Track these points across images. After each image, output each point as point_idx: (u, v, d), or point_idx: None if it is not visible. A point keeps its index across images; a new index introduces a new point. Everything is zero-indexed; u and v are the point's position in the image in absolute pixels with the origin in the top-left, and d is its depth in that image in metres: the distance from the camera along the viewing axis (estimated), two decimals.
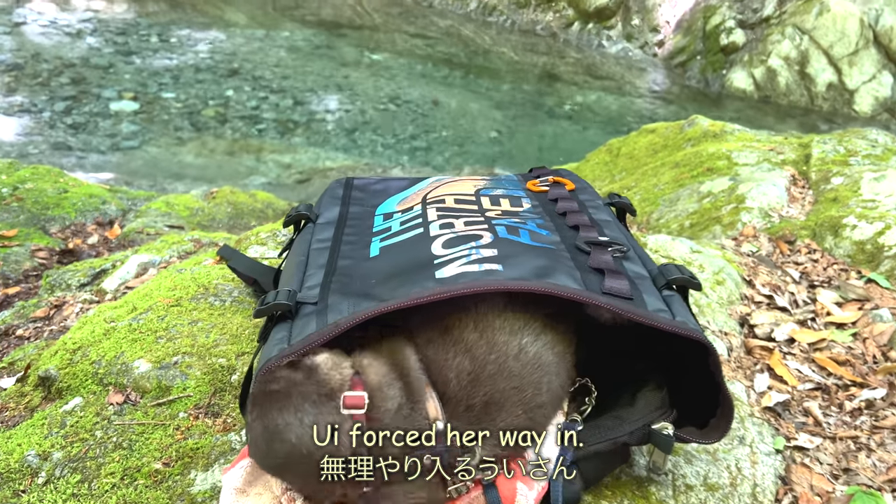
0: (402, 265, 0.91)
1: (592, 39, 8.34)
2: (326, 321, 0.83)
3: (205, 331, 1.20)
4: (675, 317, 0.86)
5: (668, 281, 0.93)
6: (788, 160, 2.36)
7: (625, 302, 0.84)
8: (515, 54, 7.93)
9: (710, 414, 0.90)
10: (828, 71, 7.17)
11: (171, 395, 1.07)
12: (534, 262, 0.88)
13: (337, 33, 7.67)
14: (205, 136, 5.38)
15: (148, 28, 6.95)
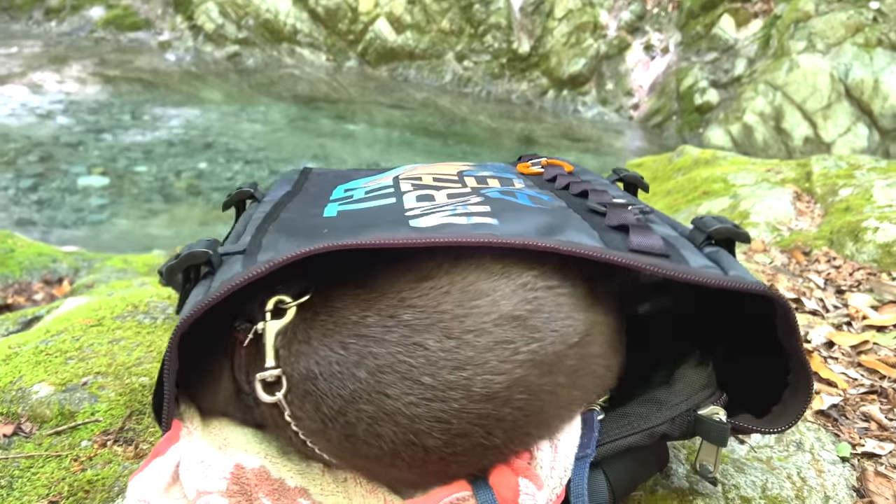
0: (364, 219, 0.70)
1: (568, 105, 8.38)
2: (256, 262, 0.61)
3: (127, 349, 0.98)
4: (728, 272, 0.66)
5: (709, 234, 0.72)
6: (788, 178, 2.21)
7: (660, 259, 0.63)
8: (492, 121, 7.92)
9: (770, 398, 0.69)
10: (803, 125, 7.20)
11: (75, 421, 0.84)
12: (537, 219, 0.68)
13: (313, 107, 7.63)
14: (177, 207, 5.20)
15: (121, 107, 6.87)
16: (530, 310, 0.60)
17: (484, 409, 0.56)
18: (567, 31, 8.59)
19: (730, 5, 8.31)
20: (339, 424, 0.58)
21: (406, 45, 8.74)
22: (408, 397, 0.56)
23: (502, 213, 0.68)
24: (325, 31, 8.84)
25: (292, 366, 0.60)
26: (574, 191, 0.83)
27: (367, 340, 0.58)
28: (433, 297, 0.59)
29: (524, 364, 0.57)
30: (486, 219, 0.67)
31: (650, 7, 8.72)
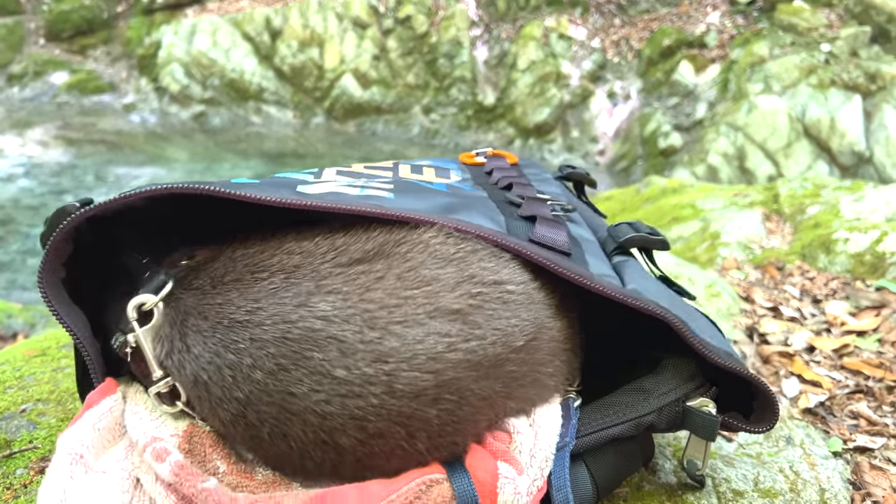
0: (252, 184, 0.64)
1: (535, 153, 8.48)
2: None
3: (71, 376, 0.91)
4: (626, 284, 0.63)
5: (620, 243, 0.70)
6: (756, 201, 2.22)
7: (558, 256, 0.60)
8: None
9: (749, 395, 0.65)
10: (766, 164, 7.35)
11: (10, 449, 0.77)
12: (439, 200, 0.64)
13: (280, 163, 7.62)
14: None
15: (84, 168, 6.79)
16: (473, 305, 0.53)
17: (407, 408, 0.50)
18: (531, 82, 8.75)
19: (687, 52, 8.55)
20: (241, 427, 0.52)
21: (373, 100, 8.83)
22: (317, 394, 0.49)
23: (403, 192, 0.65)
24: (292, 89, 8.90)
25: (180, 373, 0.53)
26: (501, 184, 0.80)
27: (262, 342, 0.50)
28: (362, 284, 0.53)
29: (458, 364, 0.51)
30: (381, 192, 0.63)
31: (610, 56, 8.94)
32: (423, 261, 0.55)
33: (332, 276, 0.53)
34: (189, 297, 0.54)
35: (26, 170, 6.70)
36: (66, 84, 8.77)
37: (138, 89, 8.88)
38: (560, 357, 0.60)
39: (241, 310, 0.52)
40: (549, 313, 0.58)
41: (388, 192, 0.62)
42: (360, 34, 8.80)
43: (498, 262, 0.57)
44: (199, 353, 0.52)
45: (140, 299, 0.54)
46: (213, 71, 8.68)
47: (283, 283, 0.53)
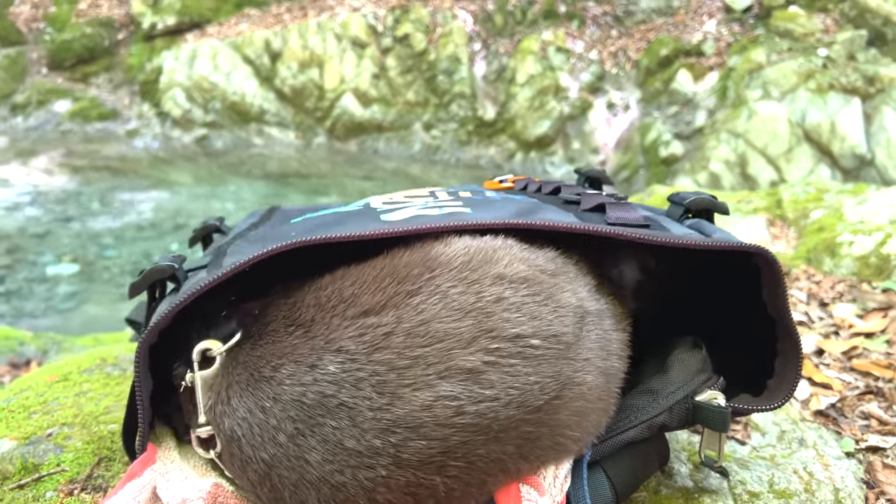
0: (332, 220, 0.68)
1: (536, 166, 8.51)
2: (221, 266, 0.59)
3: (94, 400, 0.93)
4: (711, 235, 0.64)
5: (686, 206, 0.71)
6: (760, 207, 2.23)
7: (640, 229, 0.62)
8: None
9: (764, 373, 0.67)
10: (768, 169, 7.36)
11: (39, 472, 0.79)
12: (510, 208, 0.67)
13: (284, 183, 7.67)
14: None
15: (89, 195, 6.84)
16: (488, 362, 0.50)
17: (413, 477, 0.49)
18: (530, 96, 8.80)
19: (685, 61, 8.59)
20: (266, 489, 0.52)
21: (373, 119, 8.88)
22: (329, 464, 0.49)
23: (476, 206, 0.67)
24: (293, 110, 8.96)
25: (220, 425, 0.54)
26: (546, 190, 0.83)
27: (284, 404, 0.50)
28: (370, 340, 0.51)
29: (466, 428, 0.49)
30: (459, 209, 0.65)
31: (608, 67, 8.99)
32: (437, 313, 0.52)
33: (341, 330, 0.52)
34: (244, 347, 0.55)
35: (32, 198, 6.75)
36: (69, 112, 8.85)
37: (141, 115, 8.95)
38: (589, 417, 0.57)
39: (269, 365, 0.52)
40: (580, 366, 0.54)
41: (464, 207, 0.65)
42: (359, 53, 8.87)
43: (525, 312, 0.53)
44: (236, 406, 0.53)
45: (206, 345, 0.55)
46: (215, 94, 8.75)
47: (301, 338, 0.53)
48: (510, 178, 1.00)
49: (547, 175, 8.40)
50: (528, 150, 8.68)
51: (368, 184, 7.83)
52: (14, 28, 9.16)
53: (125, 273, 5.36)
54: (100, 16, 9.38)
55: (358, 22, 8.90)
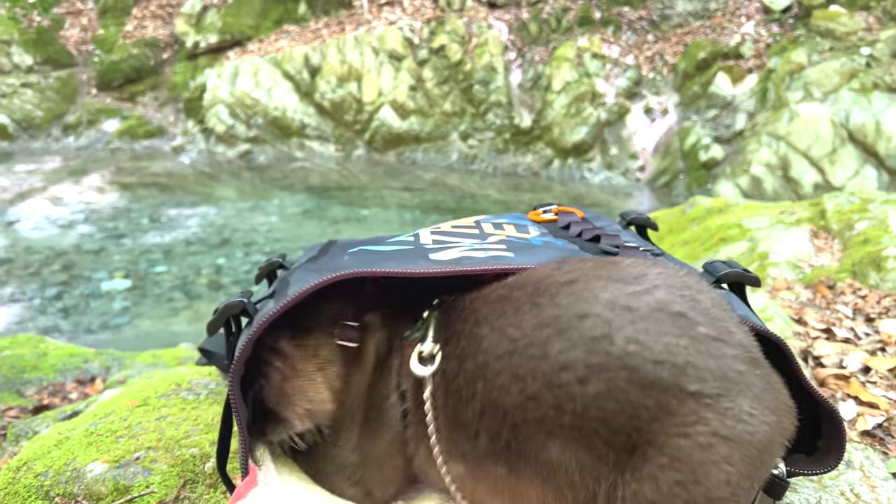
0: (385, 256, 0.74)
1: (574, 173, 8.52)
2: (286, 296, 0.66)
3: (174, 424, 1.00)
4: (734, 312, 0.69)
5: (718, 278, 0.76)
6: (803, 218, 2.24)
7: None
8: (501, 194, 8.05)
9: (812, 434, 0.70)
10: (811, 172, 7.26)
11: (130, 494, 0.86)
12: (549, 254, 0.72)
13: (326, 196, 7.80)
14: (199, 303, 5.27)
15: (139, 211, 7.06)
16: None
17: None
18: (566, 103, 8.81)
19: (723, 63, 8.52)
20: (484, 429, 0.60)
21: (411, 130, 8.98)
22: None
23: (518, 251, 0.72)
24: (333, 123, 9.11)
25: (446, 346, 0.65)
26: (586, 237, 0.87)
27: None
28: None
29: None
30: (502, 253, 0.70)
31: (645, 72, 8.95)
32: None
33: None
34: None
35: (85, 216, 6.98)
36: (118, 131, 9.13)
37: (186, 132, 9.18)
38: None
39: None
40: None
41: (506, 251, 0.70)
42: (397, 66, 8.98)
43: None
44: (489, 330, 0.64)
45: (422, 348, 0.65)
46: (257, 110, 8.95)
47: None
48: (553, 209, 1.04)
49: (585, 182, 8.40)
50: (566, 156, 8.68)
51: (407, 194, 7.93)
52: (64, 51, 9.49)
53: (175, 288, 5.52)
54: (145, 36, 9.66)
55: (394, 35, 9.02)
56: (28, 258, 5.95)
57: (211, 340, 1.12)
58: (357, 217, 7.18)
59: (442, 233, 0.87)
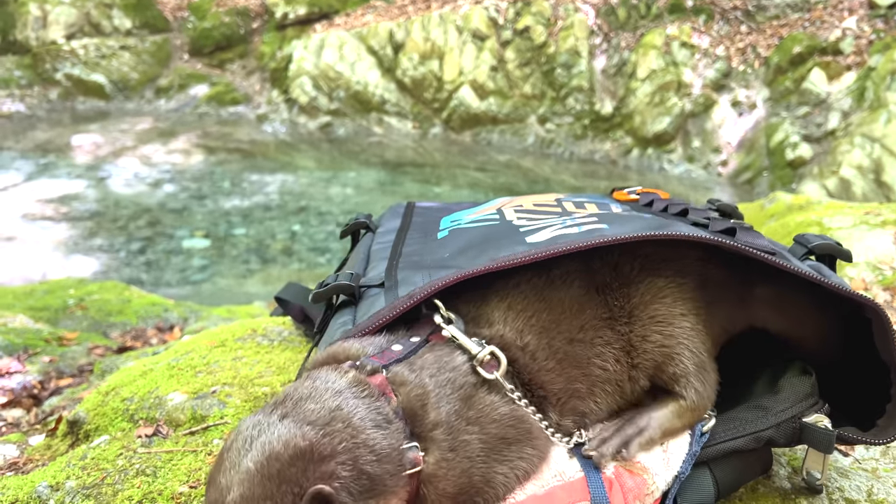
0: (478, 238, 0.77)
1: (653, 163, 8.36)
2: (397, 296, 0.70)
3: (248, 365, 1.06)
4: (829, 279, 0.69)
5: (810, 248, 0.76)
6: (889, 220, 2.16)
7: (767, 254, 0.68)
8: (576, 180, 7.98)
9: (875, 412, 0.70)
10: None
11: (206, 423, 0.92)
12: (643, 223, 0.73)
13: (400, 171, 7.90)
14: (272, 267, 5.44)
15: (221, 175, 7.31)
16: None
17: None
18: (650, 91, 8.63)
19: (820, 59, 8.18)
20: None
21: (489, 111, 8.97)
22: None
23: (610, 221, 0.74)
24: (412, 101, 9.19)
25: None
26: (673, 211, 0.87)
27: None
28: None
29: None
30: (595, 225, 0.72)
31: (735, 64, 8.68)
32: None
33: None
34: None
35: (171, 176, 7.27)
36: (206, 96, 9.43)
37: (270, 101, 9.42)
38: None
39: None
40: None
41: (599, 223, 0.72)
42: (479, 46, 8.96)
43: None
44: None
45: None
46: (339, 83, 9.09)
47: None
48: (637, 190, 1.05)
49: (664, 173, 8.24)
50: (646, 146, 8.52)
51: (481, 175, 7.94)
52: (161, 16, 9.84)
53: (251, 251, 5.71)
54: (237, 5, 9.92)
55: (479, 14, 8.99)
56: (117, 212, 6.25)
57: (287, 290, 1.18)
58: (430, 194, 7.25)
59: (526, 211, 0.89)
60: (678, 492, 0.63)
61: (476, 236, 0.77)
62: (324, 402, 0.58)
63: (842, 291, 0.65)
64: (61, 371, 2.00)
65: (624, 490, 0.61)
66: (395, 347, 0.65)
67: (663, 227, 0.71)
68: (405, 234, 0.94)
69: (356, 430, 0.57)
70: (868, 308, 0.65)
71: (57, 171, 7.16)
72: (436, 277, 0.67)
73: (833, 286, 0.65)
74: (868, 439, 0.67)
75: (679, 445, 0.65)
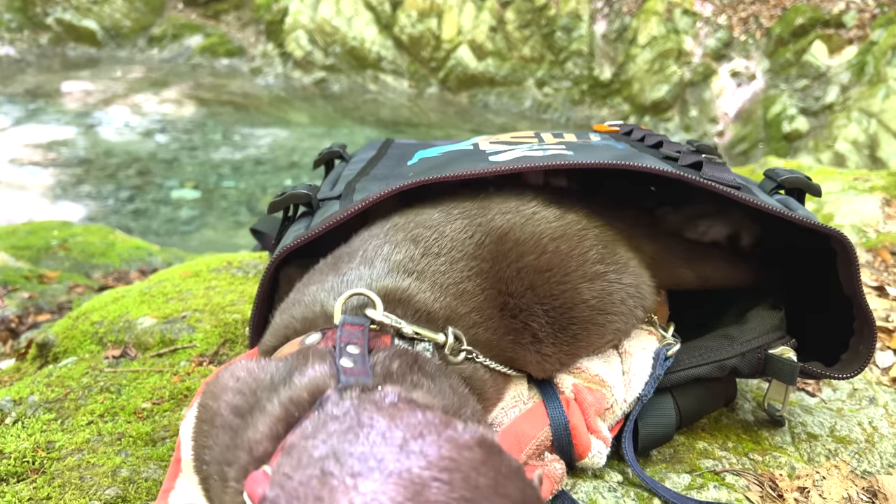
0: (444, 160, 0.76)
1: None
2: (351, 202, 0.68)
3: (221, 293, 1.06)
4: (796, 211, 0.68)
5: (779, 182, 0.75)
6: (878, 186, 2.15)
7: (731, 189, 0.66)
8: None
9: (839, 348, 0.70)
10: None
11: (175, 346, 0.92)
12: (611, 153, 0.72)
13: (394, 130, 7.82)
14: None
15: (213, 127, 7.23)
16: None
17: None
18: (650, 58, 8.55)
19: (822, 31, 8.10)
20: None
21: (487, 72, 8.88)
22: None
23: (577, 149, 0.73)
24: (409, 59, 9.07)
25: None
26: (649, 142, 0.86)
27: None
28: None
29: None
30: (561, 151, 0.71)
31: (737, 34, 8.59)
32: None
33: None
34: None
35: (162, 126, 7.19)
36: (199, 47, 9.29)
37: (265, 54, 9.28)
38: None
39: None
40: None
41: (566, 150, 0.71)
42: (479, 5, 8.84)
43: None
44: None
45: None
46: (336, 38, 8.96)
47: None
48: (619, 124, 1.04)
49: None
50: (643, 114, 8.46)
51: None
52: None
53: (241, 203, 5.67)
54: None
55: None
56: (106, 161, 6.19)
57: (263, 222, 1.16)
58: None
59: (501, 142, 0.88)
60: (639, 415, 0.63)
61: (443, 159, 0.76)
62: None
63: (808, 224, 0.64)
64: (40, 307, 1.99)
65: (583, 407, 0.60)
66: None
67: (629, 158, 0.69)
68: (378, 162, 0.92)
69: None
70: (834, 239, 0.64)
71: (46, 116, 7.07)
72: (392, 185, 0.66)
73: (799, 219, 0.64)
74: (832, 374, 0.67)
75: (641, 368, 0.64)
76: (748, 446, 0.69)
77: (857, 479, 0.68)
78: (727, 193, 0.64)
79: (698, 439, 0.69)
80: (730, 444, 0.69)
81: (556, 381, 0.63)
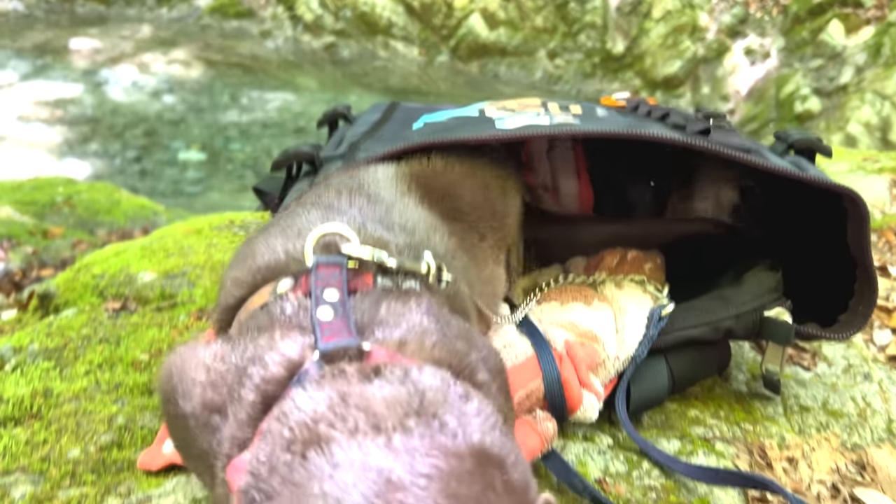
0: (451, 124, 0.76)
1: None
2: (354, 159, 0.68)
3: (222, 251, 1.06)
4: (807, 171, 0.68)
5: (790, 143, 0.74)
6: (886, 167, 2.13)
7: (741, 153, 0.66)
8: None
9: (837, 309, 0.70)
10: None
11: (174, 300, 0.92)
12: (620, 122, 0.72)
13: (403, 98, 7.75)
14: None
15: (221, 89, 7.19)
16: None
17: None
18: (664, 33, 8.44)
19: (840, 11, 7.97)
20: None
21: (498, 42, 8.78)
22: None
23: (584, 118, 0.72)
24: (420, 26, 8.98)
25: None
26: (655, 115, 0.86)
27: None
28: None
29: None
30: (569, 119, 0.71)
31: (753, 11, 8.47)
32: None
33: None
34: None
35: (169, 86, 7.15)
36: (209, 7, 9.20)
37: (275, 16, 9.19)
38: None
39: None
40: None
41: (574, 118, 0.71)
42: None
43: None
44: None
45: None
46: (346, 3, 8.87)
47: None
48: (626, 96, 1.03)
49: None
50: (654, 89, 8.38)
51: None
52: None
53: (247, 166, 5.66)
54: None
55: None
56: (113, 120, 6.17)
57: (267, 182, 1.16)
58: None
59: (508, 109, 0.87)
60: (632, 378, 0.63)
61: (449, 124, 0.76)
62: None
63: (821, 183, 0.64)
64: (44, 262, 2.00)
65: (575, 362, 0.61)
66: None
67: (637, 127, 0.69)
68: (383, 125, 0.92)
69: None
70: (847, 198, 0.64)
71: (53, 73, 7.04)
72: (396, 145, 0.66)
73: (811, 179, 0.63)
74: (828, 335, 0.67)
75: (635, 328, 0.64)
76: (740, 416, 0.70)
77: (846, 451, 0.69)
78: (737, 157, 0.64)
79: (690, 407, 0.70)
80: (722, 412, 0.69)
81: (548, 338, 0.63)
